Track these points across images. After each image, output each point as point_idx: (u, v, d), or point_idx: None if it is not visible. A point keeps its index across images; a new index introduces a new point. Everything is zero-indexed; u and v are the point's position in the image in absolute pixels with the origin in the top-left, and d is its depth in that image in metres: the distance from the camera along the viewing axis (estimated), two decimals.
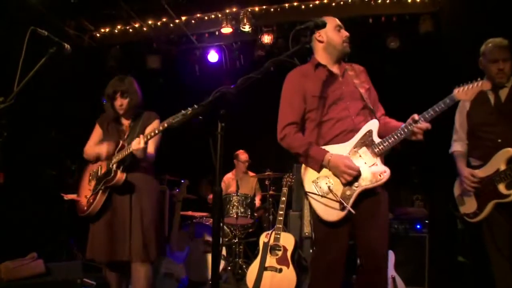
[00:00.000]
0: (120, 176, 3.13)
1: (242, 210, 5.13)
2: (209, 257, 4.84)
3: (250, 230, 5.61)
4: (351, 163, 2.45)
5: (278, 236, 4.14)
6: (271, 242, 4.13)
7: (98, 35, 6.80)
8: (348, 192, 2.47)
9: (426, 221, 4.73)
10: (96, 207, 3.17)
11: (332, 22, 2.69)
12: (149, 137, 3.03)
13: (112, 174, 3.12)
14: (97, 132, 3.49)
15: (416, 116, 2.43)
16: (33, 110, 5.32)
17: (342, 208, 2.45)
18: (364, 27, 5.92)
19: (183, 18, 6.22)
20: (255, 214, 5.37)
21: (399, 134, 2.46)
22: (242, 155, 6.28)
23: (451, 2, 5.33)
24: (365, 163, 2.49)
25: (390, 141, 2.47)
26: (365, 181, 2.47)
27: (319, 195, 2.52)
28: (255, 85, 1.84)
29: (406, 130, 2.45)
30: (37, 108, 5.41)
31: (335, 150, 2.54)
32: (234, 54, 6.86)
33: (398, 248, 4.31)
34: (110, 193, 3.20)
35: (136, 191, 3.23)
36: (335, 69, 2.71)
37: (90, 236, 3.27)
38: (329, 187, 2.51)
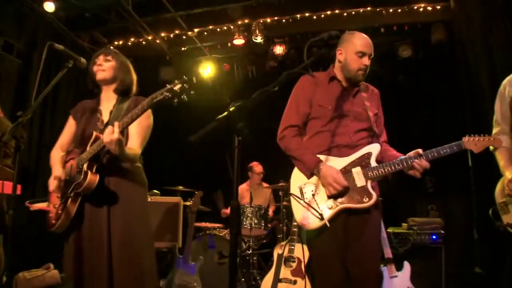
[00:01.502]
0: (92, 178, 2.35)
1: (256, 221, 5.12)
2: (223, 268, 4.83)
3: (264, 241, 5.59)
4: (339, 178, 2.47)
5: (293, 247, 4.12)
6: (286, 253, 4.11)
7: (111, 48, 6.87)
8: (330, 204, 2.50)
9: (442, 232, 4.66)
10: (65, 221, 2.42)
11: (356, 45, 2.64)
12: (125, 124, 2.30)
13: (82, 177, 2.35)
14: (69, 125, 2.78)
15: (420, 151, 2.43)
16: (52, 123, 5.39)
17: (321, 219, 2.46)
18: (375, 36, 5.89)
19: (196, 30, 6.26)
20: (269, 225, 5.35)
21: (396, 165, 2.47)
22: (257, 167, 6.28)
23: (464, 10, 5.31)
24: (356, 183, 2.50)
25: (386, 169, 2.48)
26: (350, 200, 2.48)
27: (301, 200, 2.55)
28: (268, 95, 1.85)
29: (405, 162, 2.45)
30: (55, 121, 5.47)
31: (330, 162, 2.56)
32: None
33: (414, 259, 4.25)
34: (82, 202, 2.45)
35: (115, 201, 2.47)
36: (349, 86, 2.72)
37: (63, 258, 2.55)
38: (313, 195, 2.54)
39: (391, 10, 5.82)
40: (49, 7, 5.64)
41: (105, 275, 2.33)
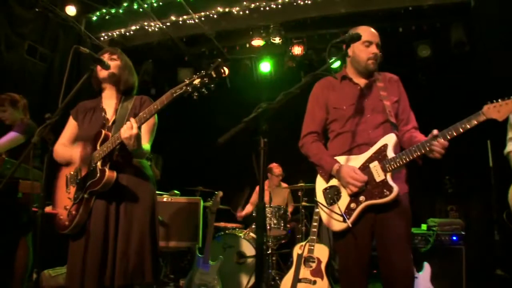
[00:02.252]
0: (110, 175, 2.40)
1: (275, 221, 5.14)
2: (242, 268, 4.87)
3: (283, 241, 5.60)
4: (357, 175, 2.45)
5: (312, 247, 4.13)
6: (305, 253, 4.12)
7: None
8: (352, 205, 2.48)
9: (463, 233, 4.62)
10: (81, 220, 2.46)
11: (362, 36, 2.54)
12: (143, 119, 2.34)
13: (98, 175, 2.39)
14: (70, 125, 2.78)
15: (435, 132, 2.30)
16: None
17: (344, 221, 2.47)
18: (394, 36, 5.88)
19: (214, 31, 6.31)
20: (288, 225, 5.36)
21: (414, 152, 2.35)
22: (276, 169, 6.30)
23: (484, 9, 5.25)
24: (375, 178, 2.46)
25: (403, 158, 2.39)
26: (371, 197, 2.45)
27: (325, 205, 2.56)
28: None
29: (422, 148, 2.32)
30: None
31: (351, 162, 2.55)
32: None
33: (434, 260, 4.23)
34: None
35: (125, 198, 2.52)
36: (361, 81, 2.71)
37: (69, 257, 2.53)
38: (335, 197, 2.54)
39: (410, 9, 5.74)
40: (71, 10, 5.78)
41: (110, 269, 2.38)
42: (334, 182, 2.59)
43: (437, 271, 4.14)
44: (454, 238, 4.66)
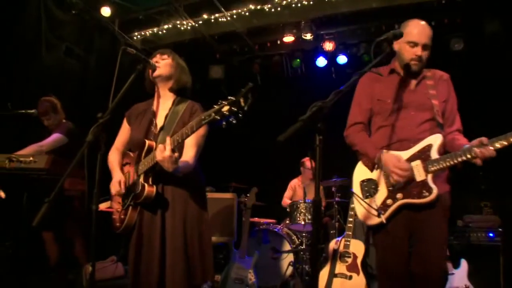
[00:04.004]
0: (149, 190, 2.44)
1: (309, 217, 5.14)
2: (277, 263, 4.93)
3: (312, 234, 5.61)
4: (402, 163, 2.40)
5: (348, 243, 4.15)
6: (341, 249, 4.14)
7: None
8: (388, 201, 2.46)
9: (500, 229, 4.56)
10: (129, 225, 2.54)
11: (408, 34, 2.52)
12: (176, 142, 2.27)
13: (140, 189, 2.44)
14: (124, 128, 2.83)
15: (484, 140, 2.23)
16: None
17: (378, 215, 2.45)
18: None
19: (246, 28, 6.36)
20: (322, 221, 5.38)
21: (458, 157, 2.29)
22: (308, 162, 6.32)
23: None
24: (415, 177, 2.42)
25: (447, 161, 2.33)
26: (409, 195, 2.42)
27: (360, 197, 2.55)
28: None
29: (467, 153, 2.27)
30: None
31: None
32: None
33: (471, 257, 4.19)
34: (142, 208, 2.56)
35: (170, 209, 2.53)
36: (409, 77, 2.64)
37: (129, 256, 2.60)
38: (372, 191, 2.53)
39: (443, 2, 5.67)
40: (106, 11, 5.91)
41: (156, 273, 2.41)
42: (374, 175, 2.57)
43: (474, 268, 4.10)
44: (491, 234, 4.61)
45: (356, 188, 2.65)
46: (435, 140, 2.45)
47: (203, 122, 2.09)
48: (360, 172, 2.67)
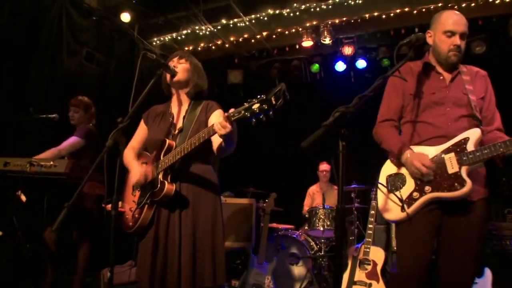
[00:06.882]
0: (169, 188, 2.43)
1: (328, 223, 5.09)
2: (295, 269, 4.88)
3: (334, 243, 5.56)
4: (425, 161, 2.29)
5: (368, 250, 4.09)
6: (361, 256, 4.09)
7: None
8: (415, 194, 2.34)
9: None
10: (143, 224, 2.50)
11: (444, 24, 2.44)
12: (237, 115, 2.09)
13: (159, 186, 2.44)
14: (141, 129, 2.84)
15: None
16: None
17: (402, 209, 2.34)
18: None
19: (264, 33, 6.36)
20: None
21: (499, 148, 2.16)
22: (322, 165, 6.36)
23: None
24: (447, 169, 2.29)
25: (484, 152, 2.19)
26: (438, 188, 2.29)
27: (385, 186, 2.46)
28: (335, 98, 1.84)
29: (510, 145, 2.15)
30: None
31: (419, 149, 2.42)
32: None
33: (495, 266, 4.09)
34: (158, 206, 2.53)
35: (187, 206, 2.51)
36: (444, 71, 2.54)
37: (138, 255, 2.60)
38: (399, 185, 2.42)
39: (464, 5, 5.57)
40: (125, 17, 5.98)
41: (175, 273, 2.39)
42: (402, 170, 2.46)
43: (498, 277, 3.99)
44: None
45: (382, 180, 2.54)
46: (473, 133, 2.33)
47: (233, 118, 2.08)
48: (388, 168, 2.57)
